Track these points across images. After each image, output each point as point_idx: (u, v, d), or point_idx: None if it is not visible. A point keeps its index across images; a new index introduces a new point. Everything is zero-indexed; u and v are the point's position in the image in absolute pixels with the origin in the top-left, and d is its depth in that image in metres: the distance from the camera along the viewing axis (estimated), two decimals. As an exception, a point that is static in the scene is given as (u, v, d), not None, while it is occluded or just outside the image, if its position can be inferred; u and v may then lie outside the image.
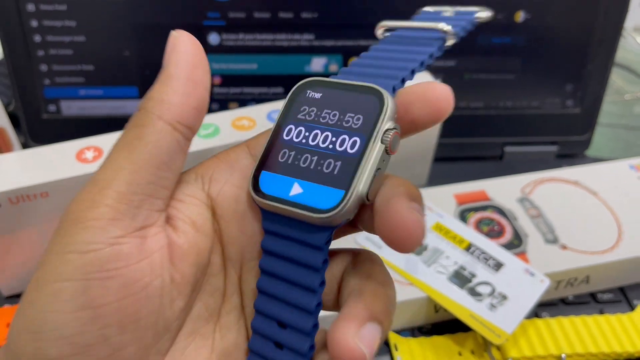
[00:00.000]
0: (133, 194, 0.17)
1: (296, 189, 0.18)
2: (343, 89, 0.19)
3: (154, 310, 0.18)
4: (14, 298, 0.39)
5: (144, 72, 0.47)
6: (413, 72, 0.19)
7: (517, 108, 0.51)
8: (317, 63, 0.48)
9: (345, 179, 0.18)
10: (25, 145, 0.48)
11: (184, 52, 0.19)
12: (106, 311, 0.16)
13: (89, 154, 0.36)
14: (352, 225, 0.20)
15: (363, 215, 0.19)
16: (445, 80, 0.49)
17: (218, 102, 0.49)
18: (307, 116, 0.19)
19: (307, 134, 0.19)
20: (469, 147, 0.52)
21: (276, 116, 0.20)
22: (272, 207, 0.19)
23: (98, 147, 0.37)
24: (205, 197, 0.20)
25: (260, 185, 0.19)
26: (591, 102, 0.51)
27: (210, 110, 0.49)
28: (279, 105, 0.41)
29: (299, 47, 0.47)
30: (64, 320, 0.16)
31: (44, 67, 0.46)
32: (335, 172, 0.18)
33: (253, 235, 0.20)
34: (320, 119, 0.19)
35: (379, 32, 0.22)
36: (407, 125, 0.19)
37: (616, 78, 0.65)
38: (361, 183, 0.17)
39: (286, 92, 0.49)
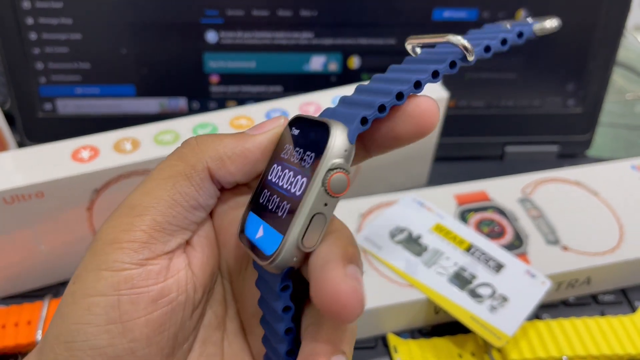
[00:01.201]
0: (168, 224, 0.19)
1: (260, 232, 0.18)
2: (311, 125, 0.18)
3: (177, 323, 0.19)
4: (9, 299, 0.38)
5: (141, 70, 0.47)
6: (401, 96, 0.17)
7: (518, 107, 0.51)
8: (316, 61, 0.48)
9: (286, 224, 0.17)
10: (21, 144, 0.48)
11: (273, 140, 0.20)
12: (135, 325, 0.18)
13: (85, 154, 0.36)
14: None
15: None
16: (446, 79, 0.49)
17: (216, 101, 0.49)
18: (285, 155, 0.19)
19: (280, 174, 0.19)
20: (470, 146, 0.52)
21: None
22: (245, 249, 0.19)
23: (94, 147, 0.36)
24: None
25: (245, 226, 0.19)
26: (592, 102, 0.51)
27: (209, 109, 0.49)
28: (277, 104, 0.41)
29: (297, 46, 0.47)
30: (96, 332, 0.17)
31: (39, 65, 0.46)
32: (283, 216, 0.17)
33: (237, 249, 0.21)
34: (291, 158, 0.19)
35: (409, 47, 0.21)
36: (391, 141, 0.18)
37: (617, 77, 0.65)
38: (296, 229, 0.17)
39: (285, 91, 0.49)
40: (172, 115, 0.48)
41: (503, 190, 0.43)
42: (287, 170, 0.18)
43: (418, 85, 0.18)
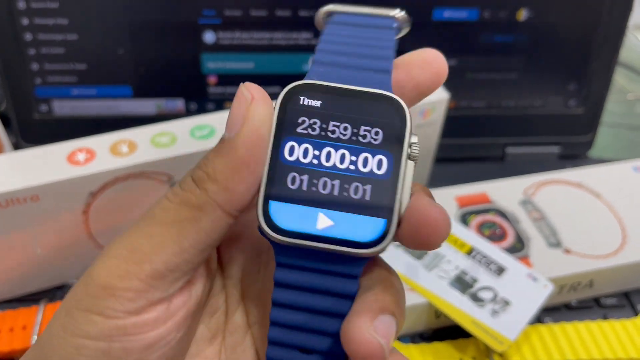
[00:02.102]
0: (170, 272, 0.17)
1: (324, 221, 0.16)
2: (348, 95, 0.17)
3: (175, 356, 0.18)
4: (4, 304, 0.38)
5: (137, 71, 0.46)
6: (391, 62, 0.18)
7: (519, 108, 0.50)
8: (315, 62, 0.47)
9: (382, 205, 0.16)
10: (16, 146, 0.47)
11: (258, 126, 0.16)
12: None
13: (81, 156, 0.35)
14: None
15: None
16: (446, 80, 0.48)
17: (214, 102, 0.48)
18: (310, 130, 0.17)
19: (316, 152, 0.17)
20: (470, 147, 0.52)
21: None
22: (298, 244, 0.17)
23: (90, 149, 0.36)
24: None
25: (275, 219, 0.16)
26: (594, 102, 0.50)
27: (206, 111, 0.49)
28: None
29: (296, 46, 0.46)
30: None
31: (35, 66, 0.45)
32: (368, 198, 0.16)
33: (252, 250, 0.20)
34: (329, 134, 0.17)
35: (321, 17, 0.20)
36: (412, 91, 0.18)
37: (618, 77, 0.65)
38: (402, 208, 0.16)
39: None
40: (170, 117, 0.47)
41: (504, 192, 0.43)
42: (329, 149, 0.17)
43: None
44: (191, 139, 0.37)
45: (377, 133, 0.17)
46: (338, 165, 0.16)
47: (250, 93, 0.17)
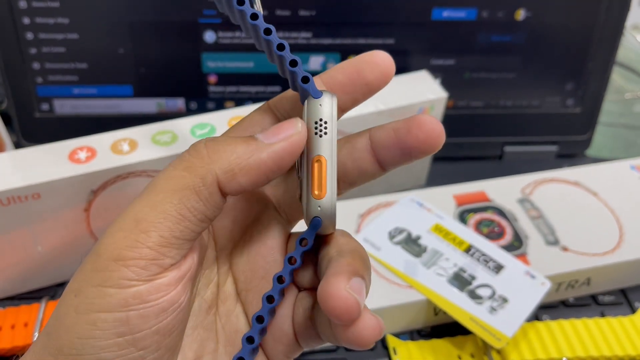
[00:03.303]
0: (175, 239, 0.18)
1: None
2: None
3: (185, 321, 0.19)
4: (5, 301, 0.38)
5: (138, 71, 0.47)
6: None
7: (517, 107, 0.51)
8: (315, 61, 0.47)
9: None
10: (17, 145, 0.48)
11: (291, 151, 0.18)
12: (145, 334, 0.17)
13: (82, 155, 0.36)
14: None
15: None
16: (445, 79, 0.49)
17: (214, 101, 0.49)
18: None
19: None
20: (469, 146, 0.52)
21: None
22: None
23: (91, 147, 0.36)
24: None
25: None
26: (592, 101, 0.50)
27: (207, 110, 0.49)
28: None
29: (296, 46, 0.46)
30: (104, 345, 0.17)
31: (36, 65, 0.46)
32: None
33: (243, 221, 0.21)
34: None
35: None
36: (362, 88, 0.20)
37: (616, 77, 0.65)
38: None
39: (283, 91, 0.48)
40: (170, 116, 0.48)
41: (502, 190, 0.43)
42: None
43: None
44: (192, 137, 0.37)
45: None
46: None
47: (302, 124, 0.19)
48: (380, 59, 0.20)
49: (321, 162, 0.19)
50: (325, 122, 0.19)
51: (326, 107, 0.19)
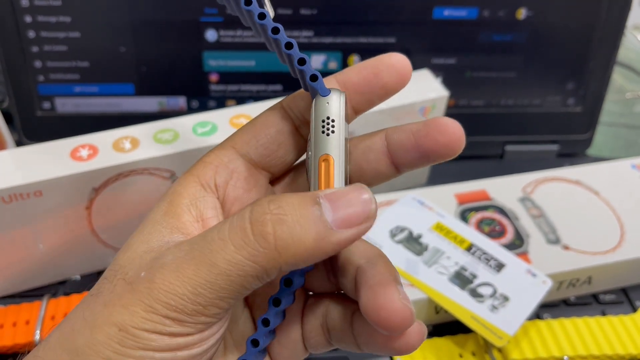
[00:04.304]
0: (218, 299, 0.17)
1: None
2: None
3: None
4: (7, 299, 0.38)
5: (140, 69, 0.47)
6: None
7: (518, 106, 0.51)
8: (316, 60, 0.47)
9: None
10: (19, 143, 0.48)
11: (359, 234, 0.17)
12: None
13: (84, 152, 0.36)
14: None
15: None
16: (446, 78, 0.49)
17: (215, 100, 0.49)
18: None
19: None
20: (470, 145, 0.51)
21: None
22: None
23: (93, 145, 0.36)
24: (219, 205, 0.20)
25: None
26: (593, 101, 0.50)
27: (208, 108, 0.49)
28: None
29: (297, 44, 0.46)
30: None
31: (38, 64, 0.46)
32: None
33: None
34: None
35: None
36: (380, 90, 0.20)
37: (617, 76, 0.65)
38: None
39: (285, 90, 0.49)
40: (172, 114, 0.48)
41: (503, 189, 0.43)
42: None
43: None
44: (193, 135, 0.37)
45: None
46: None
47: (375, 205, 0.17)
48: (398, 61, 0.20)
49: (329, 161, 0.18)
50: (333, 120, 0.18)
51: (334, 104, 0.18)
